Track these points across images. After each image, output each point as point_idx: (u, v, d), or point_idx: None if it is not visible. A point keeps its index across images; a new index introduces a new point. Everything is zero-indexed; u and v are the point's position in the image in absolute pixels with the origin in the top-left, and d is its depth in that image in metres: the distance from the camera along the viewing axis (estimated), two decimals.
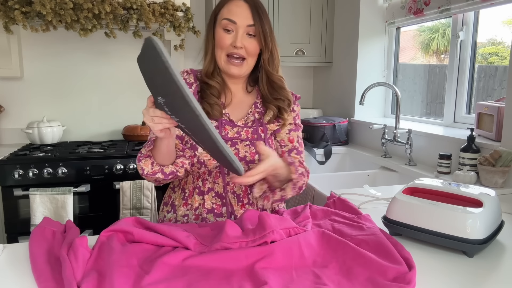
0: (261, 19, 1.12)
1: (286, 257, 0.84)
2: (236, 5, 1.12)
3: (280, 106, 1.21)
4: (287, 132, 1.25)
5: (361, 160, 2.33)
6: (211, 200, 1.20)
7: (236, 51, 1.12)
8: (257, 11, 1.12)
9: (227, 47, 1.13)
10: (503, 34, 1.99)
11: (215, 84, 1.18)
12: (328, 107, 2.92)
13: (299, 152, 1.27)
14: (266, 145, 1.20)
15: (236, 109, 1.24)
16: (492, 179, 1.51)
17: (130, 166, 2.18)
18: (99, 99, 2.71)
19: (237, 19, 1.11)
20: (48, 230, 0.95)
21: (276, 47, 1.18)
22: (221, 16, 1.13)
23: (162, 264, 0.81)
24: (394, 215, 1.02)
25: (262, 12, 1.13)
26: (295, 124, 1.28)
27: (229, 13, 1.12)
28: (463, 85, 2.08)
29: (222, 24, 1.12)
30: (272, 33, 1.16)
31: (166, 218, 1.25)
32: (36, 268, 0.82)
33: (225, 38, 1.12)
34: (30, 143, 2.48)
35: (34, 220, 1.98)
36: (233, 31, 1.12)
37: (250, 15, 1.11)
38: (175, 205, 1.24)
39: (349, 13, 2.60)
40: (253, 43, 1.14)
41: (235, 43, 1.11)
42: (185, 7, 2.34)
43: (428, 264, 0.88)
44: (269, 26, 1.15)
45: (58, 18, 2.11)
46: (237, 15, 1.11)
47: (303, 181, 1.17)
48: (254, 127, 1.21)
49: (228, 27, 1.12)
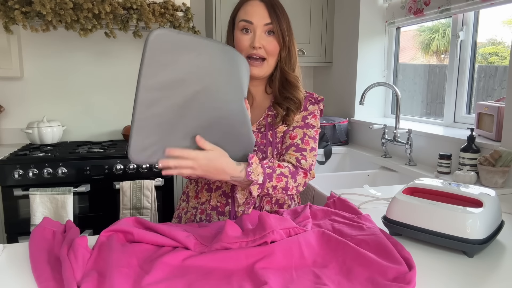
0: (278, 17, 1.11)
1: (286, 257, 0.84)
2: (252, 5, 1.12)
3: (289, 107, 1.18)
4: (291, 129, 1.20)
5: (361, 160, 2.33)
6: (216, 198, 1.22)
7: (256, 52, 1.12)
8: (274, 9, 1.11)
9: (246, 48, 1.12)
10: (503, 34, 1.99)
11: None
12: (328, 107, 2.92)
13: (300, 150, 1.16)
14: (274, 149, 1.19)
15: (253, 112, 1.22)
16: (492, 179, 1.51)
17: (130, 166, 2.18)
18: (99, 99, 2.71)
19: (254, 19, 1.10)
20: (48, 230, 0.95)
21: (294, 45, 1.17)
22: (238, 18, 1.13)
23: (162, 264, 0.81)
24: (394, 215, 1.02)
25: (279, 9, 1.12)
26: (304, 122, 1.21)
27: (246, 14, 1.12)
28: (463, 85, 2.08)
29: (240, 26, 1.12)
30: (290, 31, 1.15)
31: (181, 206, 1.31)
32: (36, 268, 0.82)
33: (243, 39, 1.12)
34: (30, 143, 2.48)
35: (34, 220, 1.98)
36: (251, 32, 1.12)
37: (266, 14, 1.10)
38: (189, 196, 1.29)
39: (349, 13, 2.60)
40: (272, 42, 1.13)
41: (254, 44, 1.11)
42: (185, 7, 2.34)
43: (428, 264, 0.88)
44: (287, 24, 1.13)
45: (58, 18, 2.11)
46: (254, 14, 1.10)
47: (284, 183, 1.09)
48: (264, 132, 1.20)
49: (246, 27, 1.12)
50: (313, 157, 1.19)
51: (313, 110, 1.24)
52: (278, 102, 1.20)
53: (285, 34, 1.12)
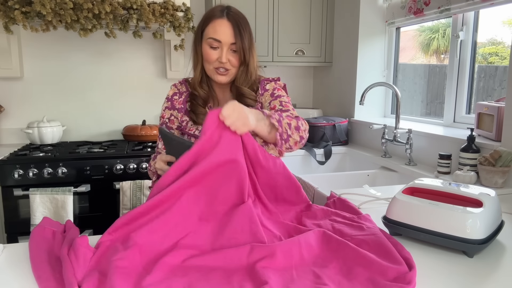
0: (242, 36, 1.25)
1: (286, 257, 0.84)
2: (220, 25, 1.25)
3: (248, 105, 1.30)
4: (267, 105, 1.33)
5: (361, 160, 2.33)
6: None
7: (222, 65, 1.27)
8: (239, 28, 1.25)
9: (213, 61, 1.28)
10: (503, 34, 1.99)
11: (202, 93, 1.34)
12: (328, 107, 2.92)
13: (285, 111, 1.27)
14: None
15: None
16: (492, 179, 1.51)
17: (130, 166, 2.18)
18: (99, 99, 2.71)
19: (222, 38, 1.25)
20: (48, 230, 0.95)
21: (253, 58, 1.31)
22: (207, 35, 1.27)
23: (163, 264, 0.81)
24: (394, 215, 1.02)
25: (243, 28, 1.26)
26: (273, 96, 1.33)
27: (215, 32, 1.25)
28: (463, 85, 2.08)
29: (208, 42, 1.26)
30: (251, 47, 1.29)
31: None
32: (37, 268, 0.82)
33: (211, 54, 1.27)
34: (30, 143, 2.48)
35: (34, 220, 1.98)
36: (218, 48, 1.26)
37: (232, 34, 1.25)
38: None
39: (349, 13, 2.60)
40: (236, 57, 1.28)
41: (221, 59, 1.26)
42: (185, 7, 2.34)
43: (428, 264, 0.88)
44: (249, 41, 1.28)
45: (58, 18, 2.11)
46: (221, 34, 1.24)
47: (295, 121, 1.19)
48: None
49: (214, 45, 1.26)
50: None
51: (273, 87, 1.36)
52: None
53: (246, 51, 1.27)
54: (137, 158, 2.20)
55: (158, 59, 2.77)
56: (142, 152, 2.26)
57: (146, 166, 2.20)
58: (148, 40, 2.69)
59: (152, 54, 2.75)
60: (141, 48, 2.73)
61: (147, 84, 2.76)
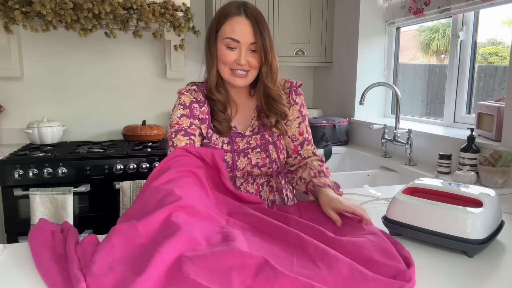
0: (262, 35, 1.14)
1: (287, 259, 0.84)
2: (238, 23, 1.14)
3: (277, 120, 1.25)
4: (297, 126, 1.30)
5: (361, 160, 2.33)
6: None
7: (241, 67, 1.16)
8: (258, 27, 1.14)
9: (231, 63, 1.16)
10: (503, 34, 1.99)
11: (220, 98, 1.22)
12: (328, 107, 2.92)
13: (310, 142, 1.32)
14: (274, 148, 1.25)
15: (242, 118, 1.28)
16: (492, 179, 1.51)
17: (130, 166, 2.18)
18: (99, 99, 2.71)
19: (240, 38, 1.14)
20: (46, 229, 0.95)
21: (275, 58, 1.21)
22: (223, 34, 1.15)
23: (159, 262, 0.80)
24: (394, 215, 1.02)
25: (263, 26, 1.15)
26: (302, 115, 1.31)
27: (232, 32, 1.14)
28: (463, 85, 2.08)
29: (225, 42, 1.15)
30: (272, 46, 1.19)
31: None
32: (42, 266, 0.82)
33: (228, 55, 1.15)
34: (30, 143, 2.48)
35: (34, 220, 1.98)
36: (236, 49, 1.15)
37: (252, 32, 1.14)
38: None
39: (349, 13, 2.60)
40: (256, 57, 1.17)
41: (239, 61, 1.15)
42: (185, 7, 2.34)
43: (428, 264, 0.88)
44: (269, 40, 1.17)
45: (58, 18, 2.11)
46: (240, 33, 1.13)
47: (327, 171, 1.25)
48: (261, 133, 1.26)
49: (231, 45, 1.15)
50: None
51: (301, 101, 1.32)
52: (264, 113, 1.26)
53: (267, 51, 1.16)
54: (137, 158, 2.20)
55: (158, 59, 2.77)
56: (142, 152, 2.26)
57: (146, 166, 2.20)
58: (148, 40, 2.69)
59: (152, 54, 2.75)
60: (141, 48, 2.73)
61: (147, 84, 2.76)
